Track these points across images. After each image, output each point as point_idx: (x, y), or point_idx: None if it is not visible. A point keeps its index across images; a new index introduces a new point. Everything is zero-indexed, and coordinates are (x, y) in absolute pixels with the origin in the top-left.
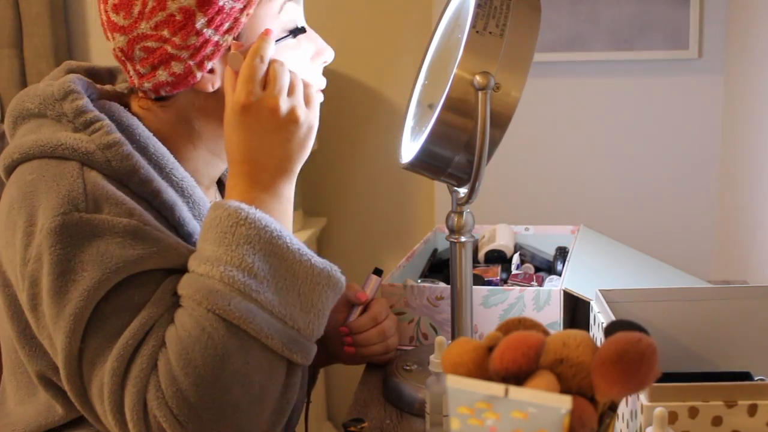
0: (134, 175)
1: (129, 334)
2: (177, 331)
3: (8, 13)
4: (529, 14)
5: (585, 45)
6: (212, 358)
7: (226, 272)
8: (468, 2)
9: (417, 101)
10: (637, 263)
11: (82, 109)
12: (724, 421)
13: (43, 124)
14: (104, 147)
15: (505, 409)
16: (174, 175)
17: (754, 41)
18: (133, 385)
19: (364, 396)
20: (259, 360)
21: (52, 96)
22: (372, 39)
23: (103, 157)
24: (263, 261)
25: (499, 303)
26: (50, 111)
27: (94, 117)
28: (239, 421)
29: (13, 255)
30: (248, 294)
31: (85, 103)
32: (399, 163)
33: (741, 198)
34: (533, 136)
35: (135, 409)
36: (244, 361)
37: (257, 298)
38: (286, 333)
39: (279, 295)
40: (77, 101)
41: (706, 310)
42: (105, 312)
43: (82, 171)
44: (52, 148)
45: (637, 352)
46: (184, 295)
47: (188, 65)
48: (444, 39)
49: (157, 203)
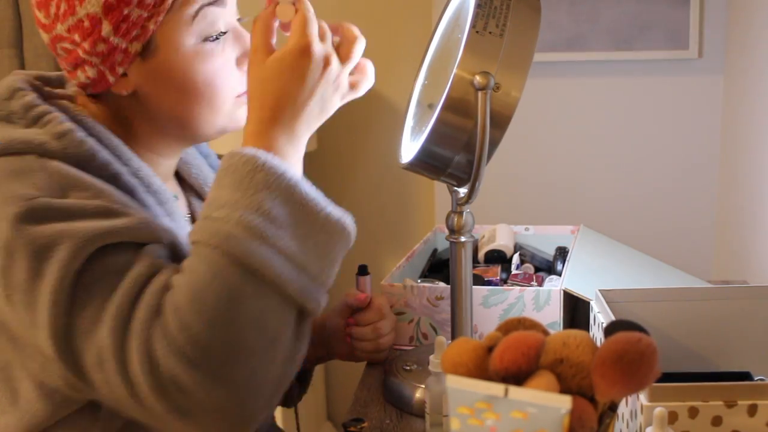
0: (92, 159)
1: (121, 293)
2: (187, 277)
3: (8, 13)
4: (529, 14)
5: (585, 45)
6: (226, 302)
7: (244, 217)
8: (468, 2)
9: (417, 101)
10: (637, 263)
11: (31, 104)
12: (724, 421)
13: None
14: (58, 136)
15: (505, 409)
16: (130, 164)
17: (754, 41)
18: (136, 338)
19: (364, 396)
20: (274, 305)
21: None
22: (372, 39)
23: (58, 145)
24: (281, 207)
25: (499, 303)
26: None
27: (44, 110)
28: (253, 365)
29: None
30: (266, 239)
31: (33, 98)
32: (399, 163)
33: (741, 198)
34: (533, 136)
35: (143, 362)
36: (260, 305)
37: (275, 243)
38: (301, 280)
39: (296, 241)
40: (25, 97)
41: (706, 310)
42: (87, 282)
43: (41, 161)
44: (4, 145)
45: (637, 352)
46: (198, 241)
47: (100, 70)
48: (444, 39)
49: (117, 187)
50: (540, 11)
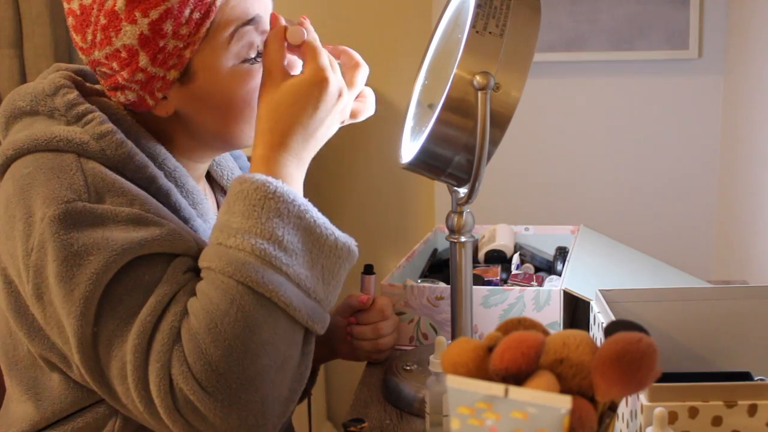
0: (129, 162)
1: (147, 311)
2: (203, 304)
3: (8, 13)
4: (529, 14)
5: (585, 45)
6: (242, 330)
7: (257, 245)
8: (468, 2)
9: (417, 101)
10: (637, 263)
11: (74, 102)
12: (724, 421)
13: (35, 120)
14: (98, 137)
15: (505, 409)
16: (166, 165)
17: (754, 41)
18: (157, 359)
19: (364, 396)
20: (285, 330)
21: (43, 92)
22: (372, 39)
23: (97, 146)
24: (292, 234)
25: (499, 303)
26: (42, 107)
27: (86, 109)
28: (266, 389)
29: (13, 248)
30: (279, 267)
31: (76, 96)
32: (399, 163)
33: (741, 198)
34: (533, 136)
35: (161, 384)
36: (273, 331)
37: (287, 271)
38: (310, 304)
39: (306, 266)
40: (68, 95)
41: (706, 310)
42: (117, 294)
43: (79, 162)
44: (46, 141)
45: (637, 352)
46: (212, 268)
47: (140, 94)
48: (444, 39)
49: (153, 189)
50: (540, 11)
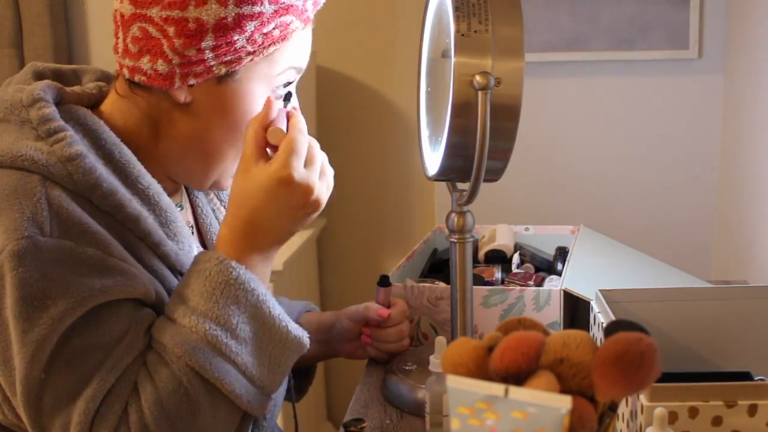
0: (96, 189)
1: (100, 378)
2: (153, 381)
3: (8, 13)
4: (507, 0)
5: (585, 45)
6: (186, 412)
7: (210, 330)
8: (445, 4)
9: (426, 109)
10: (637, 263)
11: (48, 117)
12: (724, 421)
13: (5, 130)
14: (66, 160)
15: (505, 409)
16: (140, 182)
17: (754, 41)
18: (104, 427)
19: (364, 396)
20: (225, 414)
21: (20, 102)
22: (372, 39)
23: (64, 170)
24: (246, 323)
25: (499, 303)
26: (14, 117)
27: (59, 126)
28: None
29: None
30: (227, 355)
31: (51, 111)
32: (426, 175)
33: (741, 198)
34: (533, 136)
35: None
36: (213, 415)
37: (235, 359)
38: (253, 391)
39: (253, 357)
40: (44, 109)
41: (706, 310)
42: (74, 346)
43: (44, 188)
44: (12, 158)
45: (637, 352)
46: (165, 346)
47: (173, 70)
48: (433, 44)
49: (120, 216)
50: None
